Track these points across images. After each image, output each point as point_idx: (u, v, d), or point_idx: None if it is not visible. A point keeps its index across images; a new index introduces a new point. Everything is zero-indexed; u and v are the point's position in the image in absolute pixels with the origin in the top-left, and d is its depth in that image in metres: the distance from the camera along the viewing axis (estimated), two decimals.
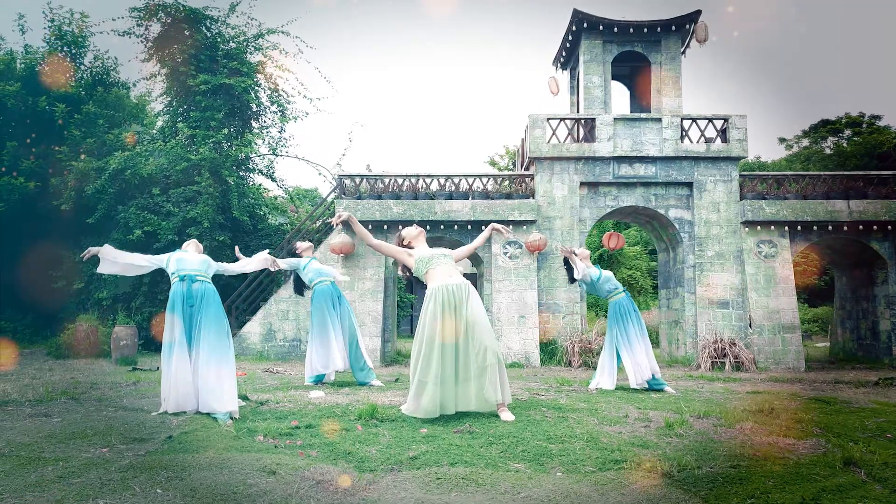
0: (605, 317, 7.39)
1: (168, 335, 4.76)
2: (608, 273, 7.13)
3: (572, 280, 7.00)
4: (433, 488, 2.94)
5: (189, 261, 5.02)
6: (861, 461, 3.29)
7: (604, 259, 21.62)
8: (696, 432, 4.18)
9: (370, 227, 11.15)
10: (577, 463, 3.39)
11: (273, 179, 15.08)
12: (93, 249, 4.88)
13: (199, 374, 4.66)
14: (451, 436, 4.01)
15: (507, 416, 4.56)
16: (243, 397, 5.07)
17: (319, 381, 6.84)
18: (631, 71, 13.31)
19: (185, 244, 5.28)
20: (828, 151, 34.42)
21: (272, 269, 5.72)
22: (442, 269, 4.80)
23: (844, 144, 33.56)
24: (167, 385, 4.66)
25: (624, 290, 7.08)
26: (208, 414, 4.55)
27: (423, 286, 4.92)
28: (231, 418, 4.46)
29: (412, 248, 5.01)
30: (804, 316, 23.22)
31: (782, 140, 38.85)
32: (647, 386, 6.87)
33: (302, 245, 7.50)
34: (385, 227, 11.30)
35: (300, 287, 7.34)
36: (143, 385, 6.55)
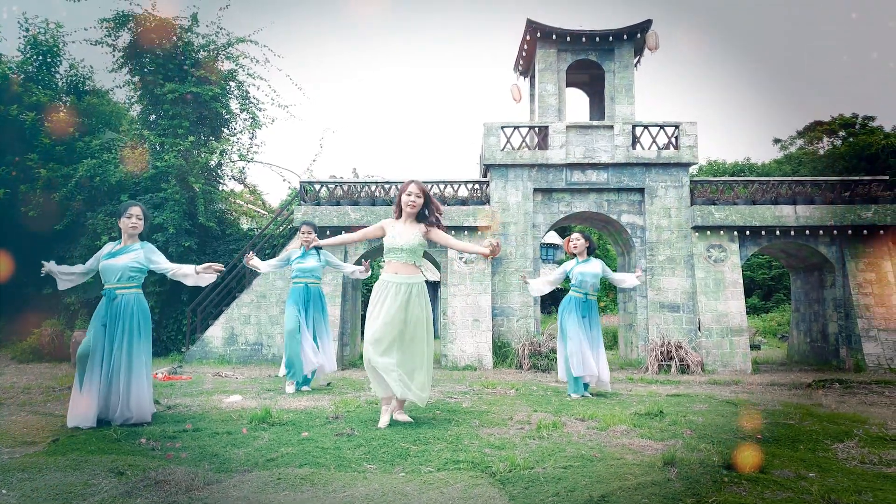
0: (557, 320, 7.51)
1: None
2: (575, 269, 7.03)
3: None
4: (268, 489, 3.16)
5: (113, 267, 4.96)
6: (679, 461, 3.51)
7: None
8: (560, 434, 4.41)
9: (328, 232, 11.42)
10: (424, 463, 3.62)
11: (245, 185, 15.36)
12: (46, 266, 5.05)
13: (111, 386, 4.85)
14: (329, 439, 4.24)
15: (402, 416, 4.82)
16: (154, 401, 5.29)
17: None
18: (591, 78, 13.54)
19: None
20: (821, 153, 34.52)
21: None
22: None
23: (839, 145, 33.64)
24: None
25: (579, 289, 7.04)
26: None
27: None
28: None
29: None
30: (783, 318, 23.36)
31: (777, 141, 39.08)
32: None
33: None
34: (342, 232, 11.54)
35: None
36: None
